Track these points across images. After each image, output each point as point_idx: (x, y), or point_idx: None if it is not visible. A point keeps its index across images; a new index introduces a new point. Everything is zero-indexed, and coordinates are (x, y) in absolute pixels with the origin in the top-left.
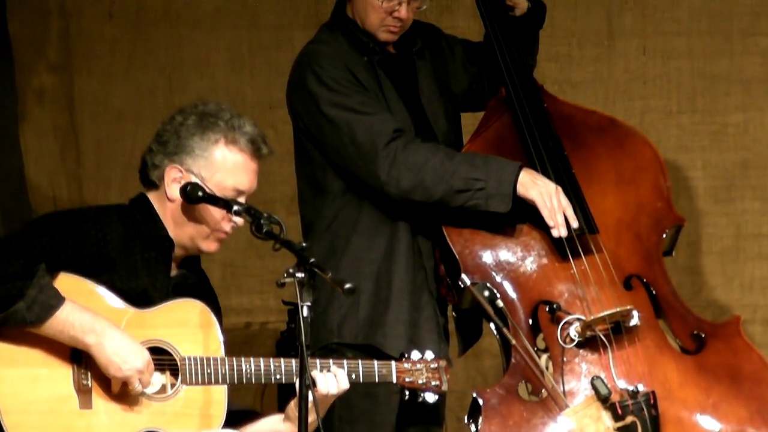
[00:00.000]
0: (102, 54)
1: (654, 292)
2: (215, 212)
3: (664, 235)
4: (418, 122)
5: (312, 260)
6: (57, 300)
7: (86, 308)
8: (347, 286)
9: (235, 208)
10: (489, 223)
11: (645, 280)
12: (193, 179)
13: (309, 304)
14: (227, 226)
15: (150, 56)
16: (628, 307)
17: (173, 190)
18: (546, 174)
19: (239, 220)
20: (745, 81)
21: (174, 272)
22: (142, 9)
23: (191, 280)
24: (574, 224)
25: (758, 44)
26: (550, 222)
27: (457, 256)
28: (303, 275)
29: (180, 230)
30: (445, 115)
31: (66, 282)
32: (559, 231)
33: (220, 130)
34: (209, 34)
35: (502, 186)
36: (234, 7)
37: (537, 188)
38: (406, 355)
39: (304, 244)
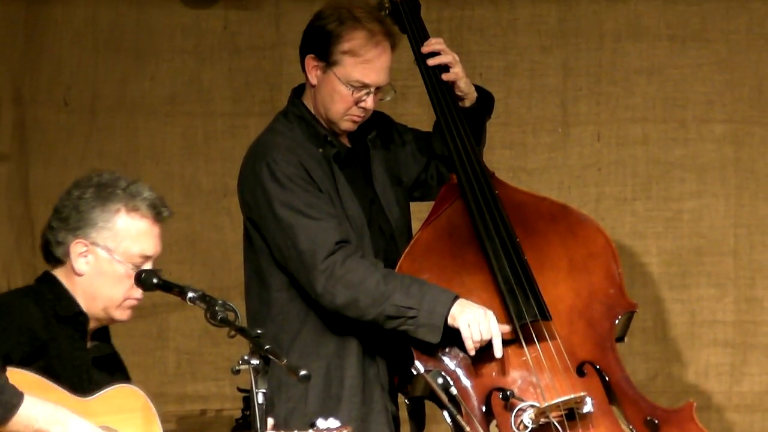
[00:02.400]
0: (57, 142)
1: (607, 378)
2: (124, 281)
3: (617, 321)
4: (372, 212)
5: (267, 347)
6: (18, 398)
7: (44, 399)
8: (302, 372)
9: (190, 295)
10: None
11: (598, 367)
12: (100, 252)
13: (264, 390)
14: (137, 293)
15: (105, 144)
16: (582, 394)
17: (80, 265)
18: (498, 261)
19: None
20: (699, 168)
21: (89, 344)
22: (98, 97)
23: (106, 350)
24: (498, 353)
25: (713, 131)
26: (471, 353)
27: (411, 343)
28: (258, 362)
29: (92, 303)
30: (397, 203)
31: (13, 376)
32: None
33: (119, 199)
34: (164, 121)
35: (432, 317)
36: (189, 94)
37: (464, 317)
38: (316, 426)
39: (259, 331)
